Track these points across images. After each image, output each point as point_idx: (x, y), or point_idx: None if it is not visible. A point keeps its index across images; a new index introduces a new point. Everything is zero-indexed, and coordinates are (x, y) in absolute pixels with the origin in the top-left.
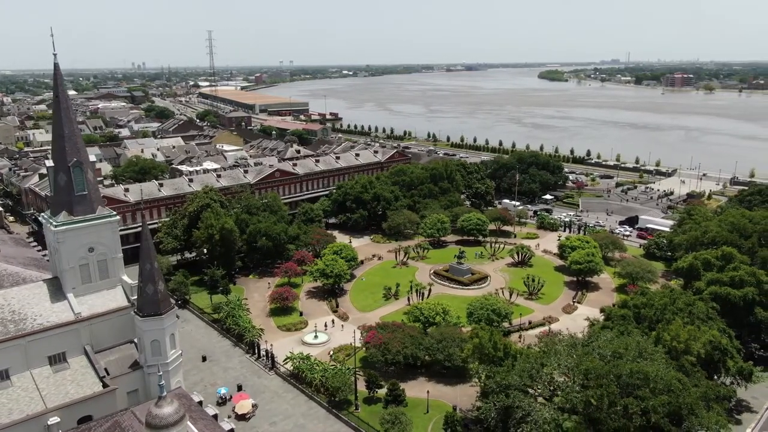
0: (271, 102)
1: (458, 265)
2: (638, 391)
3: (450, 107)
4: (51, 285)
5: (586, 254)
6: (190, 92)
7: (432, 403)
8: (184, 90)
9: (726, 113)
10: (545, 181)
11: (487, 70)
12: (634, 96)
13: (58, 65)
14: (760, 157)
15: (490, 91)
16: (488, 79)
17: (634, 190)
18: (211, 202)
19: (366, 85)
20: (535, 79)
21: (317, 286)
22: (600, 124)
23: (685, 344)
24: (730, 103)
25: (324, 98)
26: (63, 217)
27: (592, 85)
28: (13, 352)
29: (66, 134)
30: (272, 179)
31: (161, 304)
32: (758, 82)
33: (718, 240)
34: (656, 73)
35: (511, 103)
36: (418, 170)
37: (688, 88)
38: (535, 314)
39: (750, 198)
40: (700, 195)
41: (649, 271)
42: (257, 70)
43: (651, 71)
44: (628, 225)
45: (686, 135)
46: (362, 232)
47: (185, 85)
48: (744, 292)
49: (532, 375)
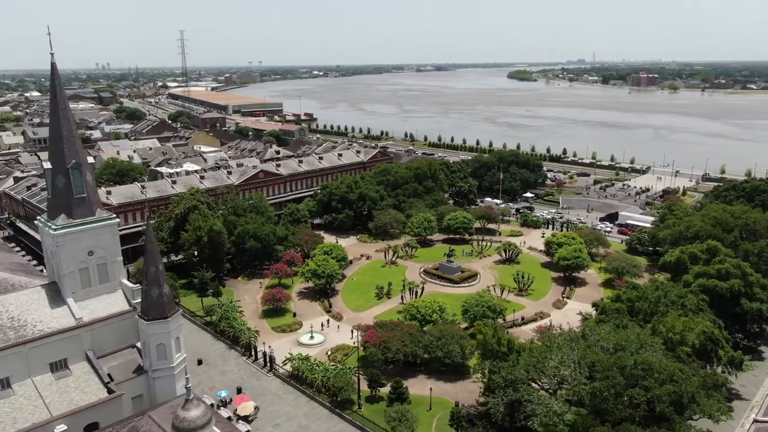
0: (244, 103)
1: (448, 263)
2: (643, 382)
3: (422, 107)
4: (49, 290)
5: (573, 250)
6: (158, 93)
7: (434, 400)
8: (152, 91)
9: (690, 112)
10: (525, 179)
11: (456, 70)
12: (601, 95)
13: (56, 65)
14: (728, 153)
15: (461, 91)
16: (458, 79)
17: (612, 188)
18: (198, 203)
19: (337, 85)
20: (505, 79)
21: (308, 287)
22: (571, 123)
23: (680, 335)
24: (694, 102)
25: (299, 98)
26: (62, 221)
27: (561, 84)
28: (14, 359)
29: (64, 135)
30: (256, 180)
31: (166, 307)
32: (719, 82)
33: (702, 234)
34: (622, 73)
35: (482, 103)
36: (402, 170)
37: (654, 87)
38: (527, 310)
39: (725, 193)
40: (675, 191)
41: (634, 266)
42: (226, 70)
43: (616, 71)
44: (608, 221)
45: (655, 133)
46: (348, 232)
47: (153, 85)
48: (730, 284)
49: (538, 368)
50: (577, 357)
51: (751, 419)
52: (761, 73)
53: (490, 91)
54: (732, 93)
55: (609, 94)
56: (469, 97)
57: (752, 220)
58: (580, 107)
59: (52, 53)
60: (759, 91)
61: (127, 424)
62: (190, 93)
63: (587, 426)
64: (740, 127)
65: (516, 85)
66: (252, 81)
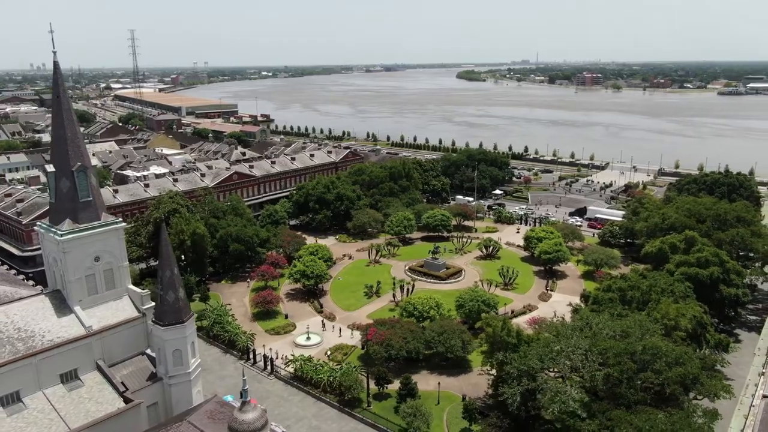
0: (197, 104)
1: (433, 260)
2: (654, 366)
3: (376, 107)
4: (53, 298)
5: (554, 244)
6: (103, 95)
7: (440, 394)
8: (96, 92)
9: (634, 110)
10: (494, 176)
11: (405, 70)
12: (549, 95)
13: (58, 63)
14: (679, 149)
15: (412, 91)
16: (408, 79)
17: (577, 183)
18: (178, 206)
19: (288, 86)
20: (454, 79)
21: (295, 288)
22: (525, 122)
23: (674, 321)
24: (636, 100)
25: (255, 100)
26: (68, 226)
27: (509, 84)
28: (25, 372)
29: (69, 137)
30: (230, 182)
31: (182, 311)
32: (659, 81)
33: (677, 225)
34: (567, 72)
35: (434, 103)
36: (377, 169)
37: (598, 87)
38: (515, 303)
39: (688, 186)
40: (636, 186)
41: (612, 258)
42: (170, 71)
43: (560, 71)
44: (577, 216)
45: (606, 131)
46: (326, 232)
47: (96, 87)
48: (710, 271)
49: (551, 357)
50: (588, 344)
51: (760, 395)
52: (694, 72)
53: (441, 90)
54: (671, 92)
55: (556, 93)
56: (421, 97)
57: (723, 210)
58: (531, 106)
59: (54, 51)
60: (695, 89)
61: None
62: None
63: (603, 410)
64: (682, 124)
65: (466, 85)
66: (200, 82)
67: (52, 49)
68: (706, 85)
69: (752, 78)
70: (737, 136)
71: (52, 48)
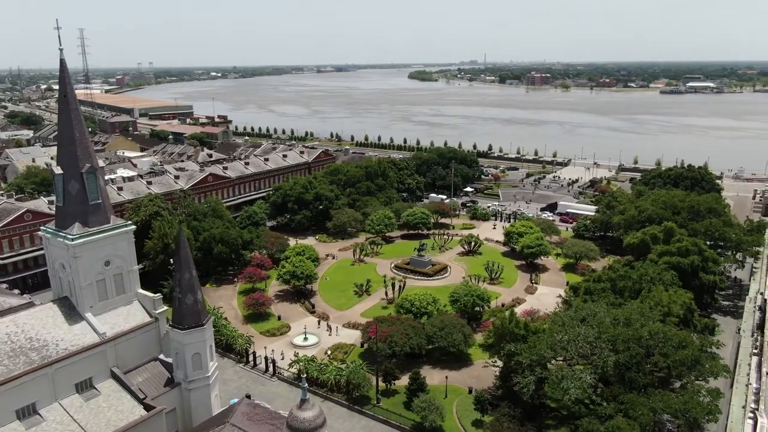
0: (150, 105)
1: (419, 257)
2: (662, 349)
3: (330, 107)
4: (62, 306)
5: (536, 239)
6: (45, 96)
7: (444, 388)
8: (38, 94)
9: (584, 108)
10: (465, 174)
11: (356, 71)
12: (501, 94)
13: (65, 61)
14: (632, 145)
15: (367, 91)
16: (361, 79)
17: (545, 179)
18: (160, 209)
19: (239, 87)
20: (407, 80)
21: (283, 289)
22: (483, 120)
23: (667, 307)
24: (584, 99)
25: (212, 101)
26: (78, 230)
27: (461, 84)
28: (40, 383)
29: (77, 137)
30: (205, 184)
31: (202, 314)
32: (604, 81)
33: (654, 217)
34: (516, 72)
35: (388, 102)
36: (353, 169)
37: (547, 86)
38: (504, 297)
39: (653, 180)
40: (600, 181)
41: (591, 250)
42: (113, 72)
43: (509, 71)
44: (548, 211)
45: (562, 128)
46: (305, 233)
47: (37, 88)
48: (690, 260)
49: (563, 346)
50: (597, 332)
51: (765, 372)
52: (636, 72)
53: (395, 90)
54: (616, 91)
55: (508, 93)
56: (375, 97)
57: (696, 202)
58: (485, 105)
59: (61, 48)
60: (638, 89)
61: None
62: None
63: (615, 395)
64: (630, 122)
65: (418, 85)
66: (147, 83)
67: (59, 46)
68: (648, 84)
69: (690, 77)
70: (682, 133)
71: (59, 45)
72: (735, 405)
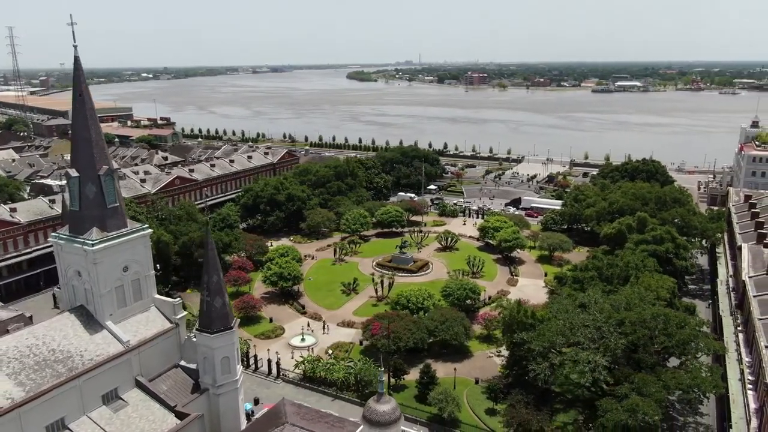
0: None
1: (401, 254)
2: (665, 330)
3: (271, 108)
4: (79, 315)
5: (512, 232)
6: None
7: (450, 380)
8: None
9: (522, 107)
10: (428, 172)
11: (293, 71)
12: (441, 94)
13: (79, 59)
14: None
15: (307, 91)
16: (299, 80)
17: (505, 176)
18: (136, 214)
19: (173, 88)
20: (346, 80)
21: (269, 291)
22: (428, 119)
23: (655, 291)
24: (520, 98)
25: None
26: (96, 234)
27: (401, 84)
28: (69, 396)
29: (93, 138)
30: (173, 187)
31: (230, 317)
32: (539, 81)
33: (625, 208)
34: (453, 72)
35: (329, 102)
36: (323, 169)
37: (485, 86)
38: (489, 290)
39: (612, 174)
40: (557, 176)
41: (564, 242)
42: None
43: (445, 71)
44: (513, 206)
45: (507, 126)
46: (278, 234)
47: None
48: (665, 247)
49: (572, 331)
50: (604, 317)
51: (762, 345)
52: (566, 72)
53: (336, 91)
54: (550, 90)
55: (447, 93)
56: (316, 97)
57: (662, 193)
58: (426, 105)
59: (75, 45)
60: (571, 88)
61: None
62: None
63: (626, 375)
64: (567, 120)
65: (358, 85)
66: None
67: (73, 43)
68: (580, 83)
69: (618, 77)
70: (619, 129)
71: (73, 42)
72: (732, 378)
